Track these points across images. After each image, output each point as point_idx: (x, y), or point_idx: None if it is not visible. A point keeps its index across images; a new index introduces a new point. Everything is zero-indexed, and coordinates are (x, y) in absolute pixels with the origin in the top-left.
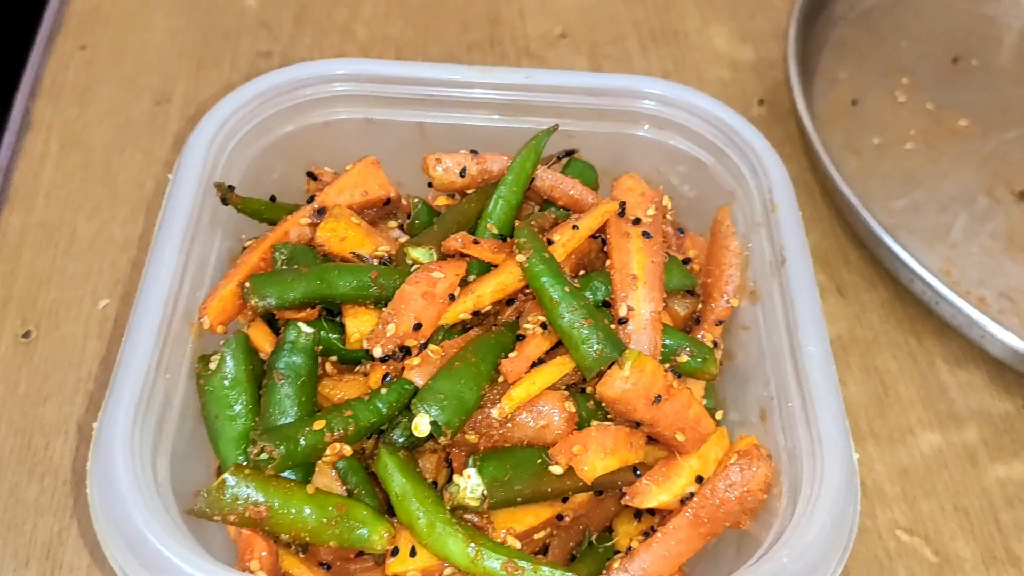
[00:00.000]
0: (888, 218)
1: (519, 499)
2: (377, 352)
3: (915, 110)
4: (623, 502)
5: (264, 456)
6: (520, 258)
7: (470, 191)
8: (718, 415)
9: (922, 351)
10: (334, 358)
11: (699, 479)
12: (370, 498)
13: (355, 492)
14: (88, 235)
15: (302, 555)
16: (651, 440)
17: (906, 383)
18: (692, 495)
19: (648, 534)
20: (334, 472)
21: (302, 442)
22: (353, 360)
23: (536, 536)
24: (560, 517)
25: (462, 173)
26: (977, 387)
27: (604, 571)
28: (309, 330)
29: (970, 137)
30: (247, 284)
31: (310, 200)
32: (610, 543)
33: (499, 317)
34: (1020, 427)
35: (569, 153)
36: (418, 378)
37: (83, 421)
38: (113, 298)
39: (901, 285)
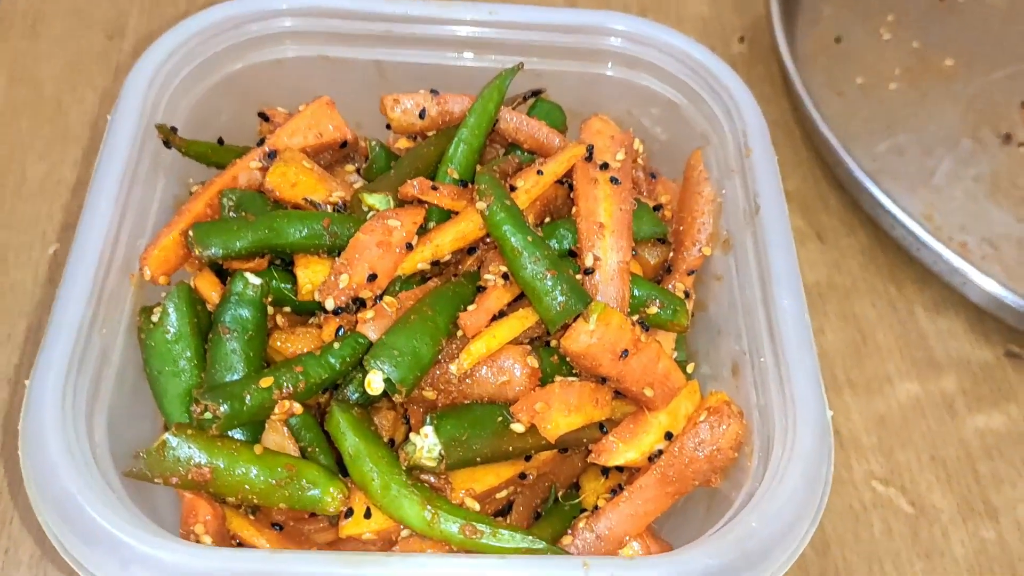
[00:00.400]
0: (871, 162)
1: (478, 459)
2: (329, 304)
3: (900, 48)
4: (589, 460)
5: (208, 415)
6: (480, 205)
7: (430, 133)
8: (689, 368)
9: (902, 298)
10: (287, 309)
11: (668, 436)
12: (325, 455)
13: (309, 450)
14: (38, 176)
15: (252, 517)
16: (619, 395)
17: (884, 331)
18: (661, 452)
19: (616, 492)
20: (286, 429)
21: (248, 400)
22: (306, 311)
23: (498, 495)
24: (523, 476)
25: (421, 114)
26: (957, 335)
27: (569, 530)
28: (257, 281)
29: (956, 77)
30: (190, 233)
31: (260, 143)
32: (576, 501)
33: (459, 267)
34: (1000, 376)
35: (535, 93)
36: (372, 332)
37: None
38: (64, 243)
39: (882, 230)
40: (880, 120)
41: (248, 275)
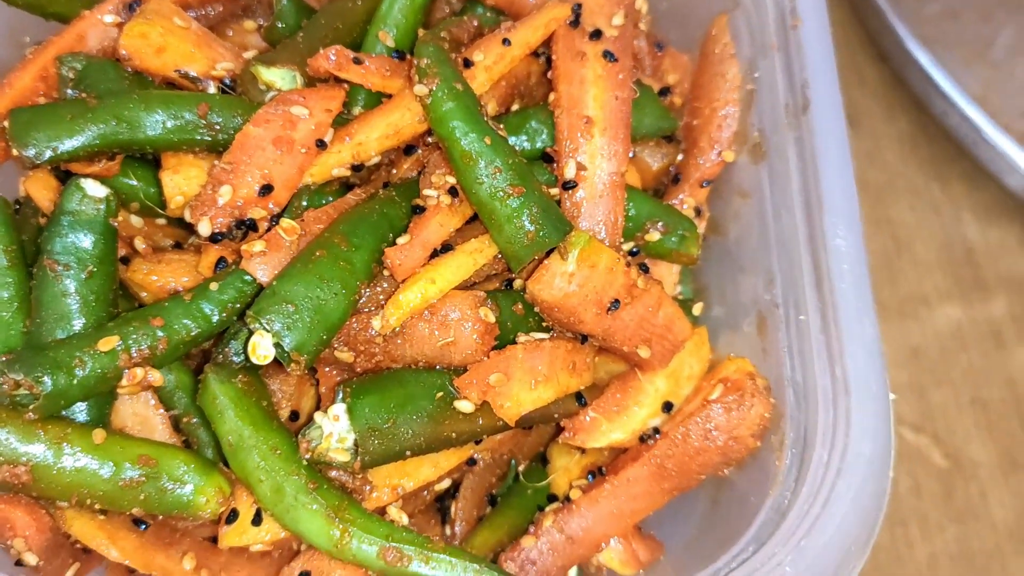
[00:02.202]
0: (919, 26)
1: (408, 452)
2: (204, 229)
3: None
4: (561, 441)
5: (23, 392)
6: (421, 90)
7: None
8: (696, 309)
9: (947, 200)
10: (162, 221)
11: (667, 407)
12: (207, 429)
13: (184, 420)
14: None
15: (102, 516)
16: (603, 350)
17: (924, 240)
18: (657, 431)
19: (594, 475)
20: (151, 395)
21: (79, 372)
22: (182, 225)
23: (438, 487)
24: (472, 462)
25: None
26: (1010, 248)
27: (532, 526)
28: (100, 192)
29: None
30: (6, 124)
31: None
32: (543, 483)
33: (392, 171)
34: None
35: None
36: (261, 271)
37: None
38: None
39: (928, 115)
40: None
41: (87, 184)
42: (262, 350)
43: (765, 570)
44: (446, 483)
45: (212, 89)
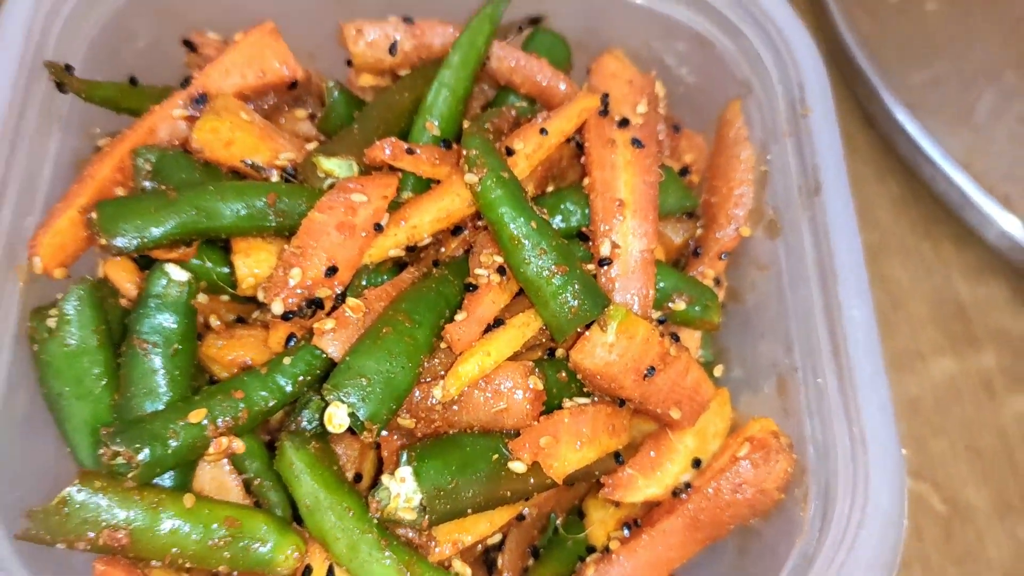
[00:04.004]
0: (905, 94)
1: (469, 510)
2: (277, 308)
3: None
4: (601, 495)
5: (121, 461)
6: (471, 178)
7: (402, 72)
8: (717, 371)
9: (938, 260)
10: (224, 298)
11: (696, 463)
12: (277, 491)
13: (256, 483)
14: None
15: (186, 573)
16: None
17: (918, 298)
18: (688, 485)
19: (630, 527)
20: (226, 460)
21: (173, 443)
22: (249, 300)
23: (489, 540)
24: (521, 517)
25: (392, 49)
26: (998, 304)
27: (575, 575)
28: (183, 277)
29: None
30: (93, 216)
31: (185, 83)
32: (581, 536)
33: (441, 249)
34: None
35: (534, 21)
36: (332, 347)
37: None
38: None
39: (917, 179)
40: (916, 45)
41: (170, 269)
42: (338, 420)
43: None
44: (497, 537)
45: (275, 177)
